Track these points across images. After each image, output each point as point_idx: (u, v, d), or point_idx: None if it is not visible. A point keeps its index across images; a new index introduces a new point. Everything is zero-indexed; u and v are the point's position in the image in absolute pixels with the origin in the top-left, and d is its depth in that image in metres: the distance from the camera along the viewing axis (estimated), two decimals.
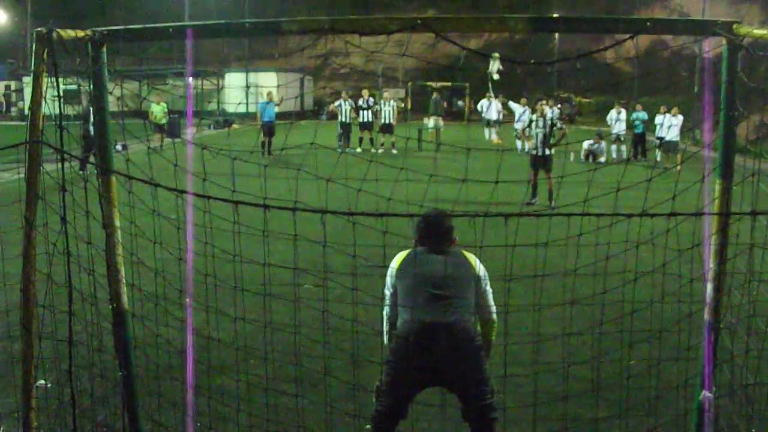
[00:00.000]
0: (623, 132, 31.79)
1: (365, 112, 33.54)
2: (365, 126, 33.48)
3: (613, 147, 32.79)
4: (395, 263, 5.96)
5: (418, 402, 5.99)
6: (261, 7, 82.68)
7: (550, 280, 5.88)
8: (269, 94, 32.68)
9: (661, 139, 29.79)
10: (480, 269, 5.86)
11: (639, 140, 32.92)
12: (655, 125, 30.89)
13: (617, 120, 33.40)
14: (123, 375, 6.13)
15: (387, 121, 33.74)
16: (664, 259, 5.54)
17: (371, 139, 33.28)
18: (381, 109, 33.94)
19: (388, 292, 6.02)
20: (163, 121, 33.52)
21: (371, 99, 34.23)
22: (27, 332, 5.37)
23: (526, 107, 33.35)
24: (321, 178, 5.49)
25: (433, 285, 5.67)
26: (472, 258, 5.92)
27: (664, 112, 30.04)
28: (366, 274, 5.85)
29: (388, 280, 6.02)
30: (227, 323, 6.75)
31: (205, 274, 5.93)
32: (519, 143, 32.41)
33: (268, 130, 30.92)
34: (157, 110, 33.27)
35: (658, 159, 29.46)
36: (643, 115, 33.43)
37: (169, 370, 6.96)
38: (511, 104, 36.72)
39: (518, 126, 33.24)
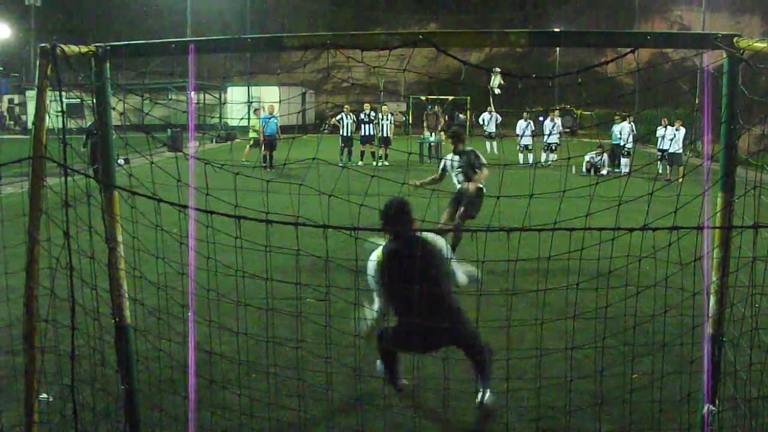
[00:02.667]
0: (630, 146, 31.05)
1: (366, 125, 33.59)
2: (366, 140, 33.50)
3: (624, 161, 32.03)
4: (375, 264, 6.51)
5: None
6: (263, 20, 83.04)
7: (551, 294, 5.88)
8: (270, 107, 32.69)
9: (663, 151, 29.78)
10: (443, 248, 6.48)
11: (617, 152, 32.74)
12: (656, 138, 30.93)
13: (628, 133, 32.85)
14: (125, 389, 6.13)
15: (385, 134, 33.89)
16: (666, 273, 5.54)
17: (372, 153, 33.31)
18: (380, 123, 34.02)
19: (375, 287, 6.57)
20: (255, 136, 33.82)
21: (372, 112, 34.29)
22: (29, 346, 5.37)
23: (529, 121, 33.43)
24: (323, 194, 5.49)
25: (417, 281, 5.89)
26: (434, 238, 6.53)
27: (666, 125, 30.08)
28: (368, 288, 5.86)
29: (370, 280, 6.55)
30: (229, 337, 6.75)
31: (207, 288, 5.94)
32: (521, 157, 32.46)
33: (270, 144, 30.94)
34: (255, 123, 33.84)
35: (660, 171, 29.44)
36: (622, 126, 33.81)
37: (172, 384, 6.95)
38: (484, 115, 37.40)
39: (525, 141, 33.39)
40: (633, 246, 5.47)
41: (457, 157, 12.11)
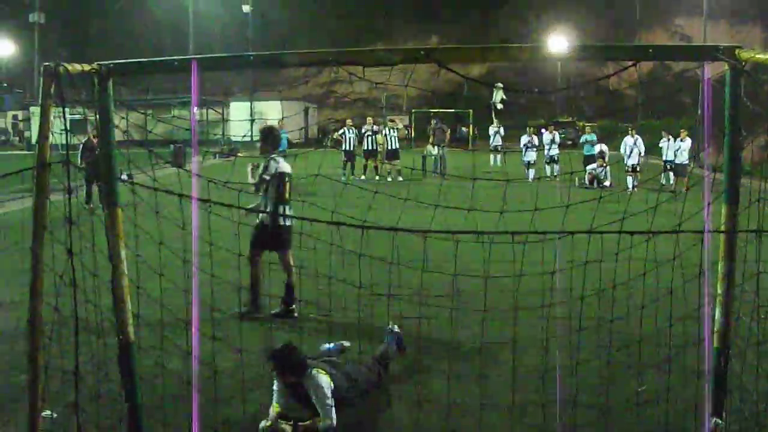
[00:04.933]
0: (639, 162, 29.82)
1: (369, 139, 33.41)
2: (370, 153, 33.36)
3: (629, 178, 29.73)
4: None
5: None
6: (264, 35, 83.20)
7: (556, 307, 5.87)
8: (280, 122, 32.72)
9: (668, 162, 29.74)
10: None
11: (588, 162, 32.10)
12: (660, 149, 30.84)
13: (633, 147, 30.18)
14: (129, 406, 6.11)
15: (392, 147, 33.61)
16: (671, 285, 5.52)
17: (376, 167, 33.21)
18: (387, 135, 33.74)
19: None
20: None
21: (375, 126, 34.14)
22: (33, 363, 5.36)
23: (532, 135, 33.29)
24: (326, 209, 5.50)
25: None
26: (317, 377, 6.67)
27: (667, 137, 30.08)
28: (371, 305, 5.85)
29: None
30: (231, 353, 6.74)
31: (211, 306, 5.94)
32: (530, 172, 32.21)
33: None
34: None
35: (663, 182, 29.38)
36: (592, 137, 33.73)
37: (174, 400, 6.94)
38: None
39: (528, 157, 32.95)
40: (638, 259, 5.45)
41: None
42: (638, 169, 29.57)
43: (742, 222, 5.40)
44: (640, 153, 29.79)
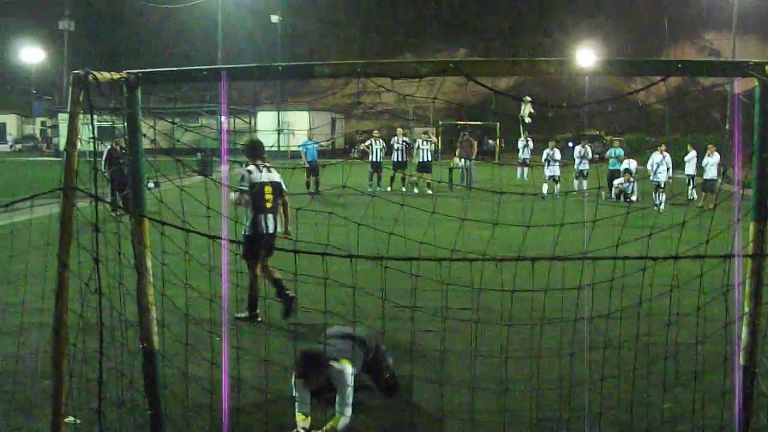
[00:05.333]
0: (666, 179, 27.82)
1: (398, 151, 33.20)
2: (398, 165, 33.11)
3: (655, 195, 27.52)
4: None
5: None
6: (293, 45, 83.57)
7: (581, 323, 5.83)
8: (310, 133, 32.61)
9: (690, 177, 29.64)
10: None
11: (613, 177, 31.56)
12: (684, 163, 30.62)
13: (659, 164, 28.37)
14: (152, 414, 6.12)
15: (425, 159, 33.42)
16: (698, 303, 5.48)
17: (403, 179, 32.98)
18: (420, 148, 33.51)
19: None
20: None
21: (405, 138, 33.97)
22: (57, 370, 5.39)
23: (555, 149, 32.64)
24: (352, 221, 5.49)
25: None
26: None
27: (692, 150, 30.02)
28: (395, 317, 5.83)
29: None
30: (256, 364, 6.74)
31: (236, 315, 5.94)
32: (546, 187, 31.60)
33: (312, 169, 30.08)
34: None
35: (690, 197, 29.18)
36: (619, 151, 32.81)
37: (198, 409, 6.95)
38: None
39: (550, 171, 32.17)
40: (664, 275, 5.41)
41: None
42: (663, 186, 27.44)
43: None
44: (668, 169, 27.95)
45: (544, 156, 32.83)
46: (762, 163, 5.27)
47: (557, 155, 32.87)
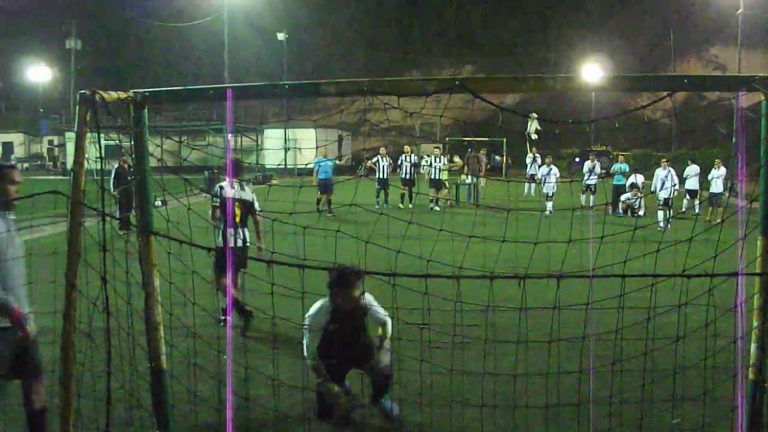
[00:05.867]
0: (672, 195, 27.03)
1: (406, 167, 32.95)
2: (406, 182, 32.88)
3: (660, 213, 26.08)
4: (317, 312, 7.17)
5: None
6: (300, 63, 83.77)
7: (590, 340, 5.82)
8: (323, 150, 32.28)
9: (690, 191, 29.91)
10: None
11: (618, 192, 31.05)
12: (685, 178, 30.69)
13: (664, 179, 27.64)
14: None
15: (436, 177, 33.27)
16: (707, 318, 5.45)
17: (410, 196, 32.65)
18: (432, 165, 33.30)
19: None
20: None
21: (413, 155, 33.74)
22: (65, 389, 5.39)
23: (552, 166, 31.93)
24: (359, 239, 5.49)
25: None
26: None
27: (692, 164, 30.25)
28: (403, 335, 5.82)
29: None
30: (264, 382, 6.73)
31: (243, 334, 5.94)
32: (550, 205, 30.60)
33: (324, 187, 29.34)
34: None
35: (698, 212, 29.16)
36: (624, 166, 32.22)
37: (206, 428, 6.93)
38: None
39: (548, 189, 31.13)
40: (673, 291, 5.39)
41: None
42: (671, 203, 26.56)
43: None
44: (674, 185, 27.18)
45: (539, 174, 32.43)
46: None
47: (555, 171, 32.21)
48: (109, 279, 5.41)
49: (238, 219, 11.07)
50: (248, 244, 11.09)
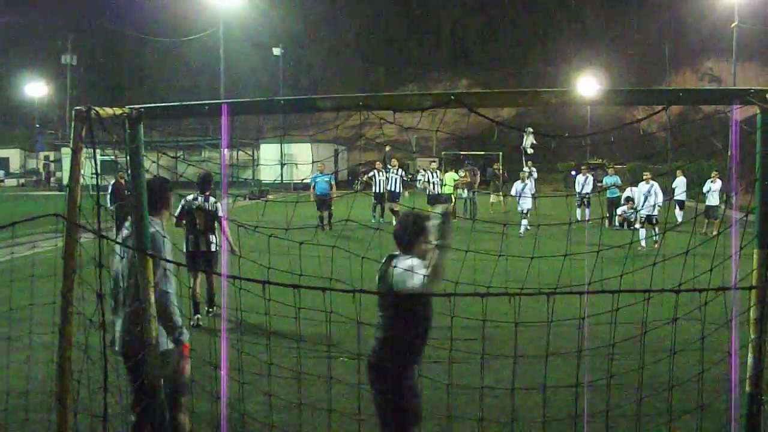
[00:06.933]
0: (656, 213, 25.30)
1: (394, 181, 32.49)
2: (384, 196, 32.29)
3: (642, 231, 24.97)
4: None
5: None
6: (295, 78, 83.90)
7: (586, 354, 5.82)
8: (321, 165, 32.12)
9: (678, 202, 30.08)
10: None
11: (612, 205, 31.43)
12: (673, 188, 31.01)
13: (646, 194, 26.36)
14: None
15: (435, 192, 32.67)
16: (702, 331, 5.45)
17: (392, 210, 31.88)
18: (429, 181, 33.08)
19: None
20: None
21: (401, 170, 33.33)
22: (62, 406, 5.37)
23: (527, 181, 30.71)
24: (355, 255, 5.49)
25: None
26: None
27: (681, 175, 30.57)
28: None
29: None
30: (261, 398, 6.72)
31: (239, 350, 5.92)
32: (525, 223, 28.61)
33: (321, 203, 29.12)
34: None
35: (677, 221, 29.30)
36: (615, 179, 32.42)
37: None
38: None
39: (525, 205, 29.15)
40: (667, 303, 5.39)
41: None
42: (655, 221, 24.99)
43: None
44: (657, 203, 25.16)
45: (513, 190, 30.52)
46: (765, 190, 5.26)
47: (530, 186, 30.68)
48: (106, 295, 5.40)
49: (201, 227, 12.66)
50: (214, 249, 12.74)
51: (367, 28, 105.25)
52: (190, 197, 12.78)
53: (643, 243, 23.68)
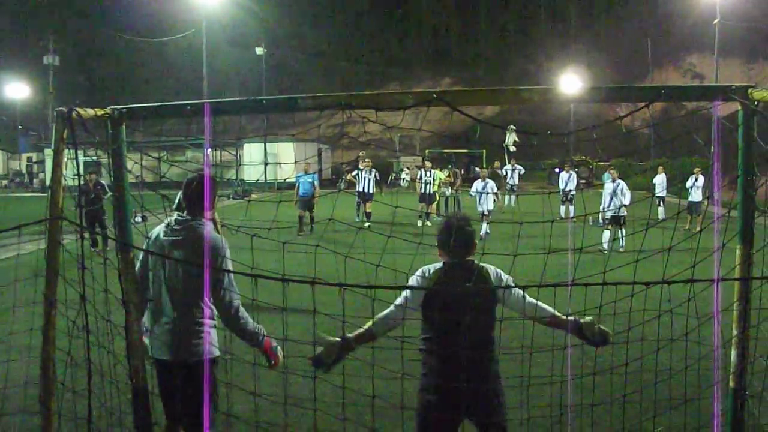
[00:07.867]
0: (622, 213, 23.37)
1: (365, 181, 32.02)
2: (366, 196, 32.08)
3: (605, 233, 23.13)
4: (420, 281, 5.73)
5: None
6: (278, 77, 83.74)
7: (572, 349, 5.83)
8: (306, 165, 31.83)
9: (659, 198, 30.23)
10: (503, 279, 5.72)
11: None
12: (654, 185, 31.26)
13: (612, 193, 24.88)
14: None
15: (427, 191, 32.93)
16: (686, 327, 5.47)
17: (367, 213, 31.56)
18: (421, 179, 32.97)
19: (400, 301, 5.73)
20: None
21: (374, 170, 32.87)
22: (46, 409, 5.35)
23: (488, 180, 29.66)
24: (338, 254, 5.48)
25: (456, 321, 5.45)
26: (491, 272, 5.74)
27: (662, 172, 30.78)
28: (384, 347, 5.79)
29: (409, 294, 5.67)
30: (246, 397, 6.70)
31: (225, 351, 5.91)
32: (485, 226, 25.82)
33: (304, 204, 28.58)
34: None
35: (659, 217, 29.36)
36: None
37: None
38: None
39: (485, 206, 28.27)
40: (652, 299, 5.41)
41: None
42: (623, 221, 23.33)
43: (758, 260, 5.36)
44: (623, 204, 23.57)
45: (473, 190, 29.21)
46: (746, 186, 5.29)
47: (491, 185, 29.36)
48: (89, 296, 5.37)
49: None
50: None
51: (351, 28, 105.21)
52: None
53: (605, 245, 21.19)
